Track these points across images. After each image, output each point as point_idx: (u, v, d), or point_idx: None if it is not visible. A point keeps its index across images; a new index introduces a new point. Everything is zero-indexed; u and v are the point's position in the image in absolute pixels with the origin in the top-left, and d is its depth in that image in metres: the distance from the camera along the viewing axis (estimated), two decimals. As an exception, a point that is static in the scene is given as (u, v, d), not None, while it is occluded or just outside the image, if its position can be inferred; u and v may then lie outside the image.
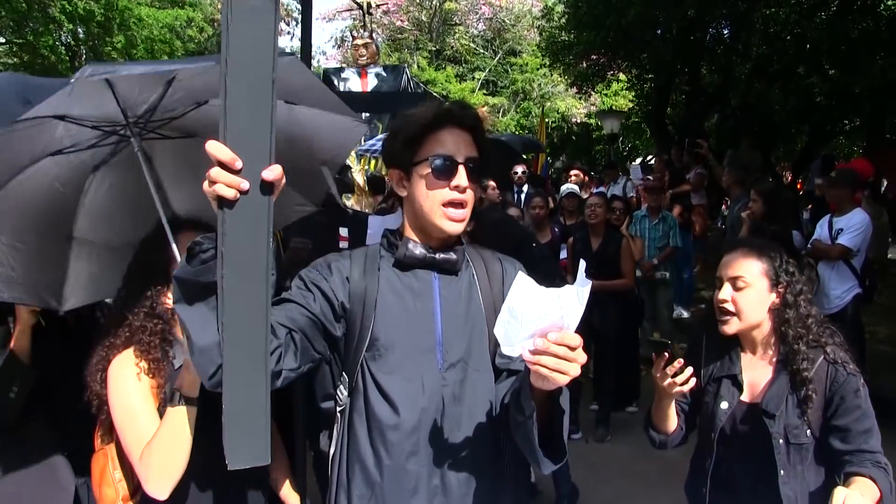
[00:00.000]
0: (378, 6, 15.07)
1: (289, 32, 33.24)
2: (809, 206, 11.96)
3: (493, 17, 31.34)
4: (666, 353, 2.43)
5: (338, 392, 2.12)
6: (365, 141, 9.38)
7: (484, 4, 30.96)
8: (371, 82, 12.10)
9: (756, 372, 2.67)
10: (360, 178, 10.87)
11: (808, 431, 2.50)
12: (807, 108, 11.93)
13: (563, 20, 17.46)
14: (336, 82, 12.18)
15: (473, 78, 31.25)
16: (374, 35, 13.36)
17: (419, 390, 2.03)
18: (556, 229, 8.41)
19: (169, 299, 2.35)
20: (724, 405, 2.65)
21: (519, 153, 12.07)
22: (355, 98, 7.67)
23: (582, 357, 1.62)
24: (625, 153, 29.61)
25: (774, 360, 2.64)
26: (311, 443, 4.67)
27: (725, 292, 2.61)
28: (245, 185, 1.54)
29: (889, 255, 16.01)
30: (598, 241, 7.35)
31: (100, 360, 2.40)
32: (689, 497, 2.88)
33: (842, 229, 6.74)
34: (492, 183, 8.14)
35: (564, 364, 1.60)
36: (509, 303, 1.62)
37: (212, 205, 1.58)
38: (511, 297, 1.62)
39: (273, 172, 1.57)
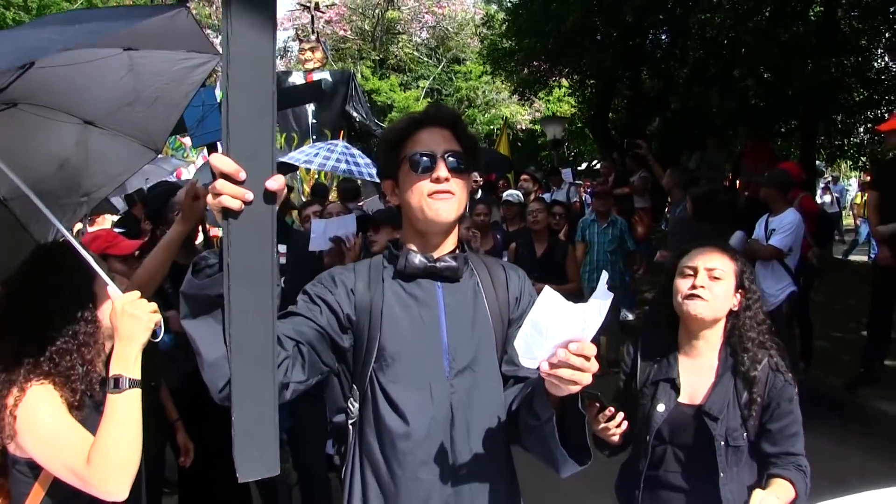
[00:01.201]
0: (329, 6, 14.92)
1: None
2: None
3: (436, 26, 31.42)
4: (597, 404, 2.46)
5: (349, 405, 2.12)
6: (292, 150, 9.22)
7: (427, 13, 31.02)
8: None
9: (695, 375, 2.70)
10: (306, 190, 10.76)
11: (745, 434, 2.58)
12: (743, 110, 12.15)
13: (504, 27, 17.60)
14: (284, 86, 12.06)
15: (418, 86, 31.21)
16: (321, 39, 13.14)
17: (428, 398, 2.04)
18: (499, 236, 8.47)
19: (91, 323, 2.31)
20: (660, 407, 2.67)
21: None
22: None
23: (595, 365, 1.64)
24: (570, 158, 29.83)
25: (716, 363, 2.69)
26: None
27: (702, 279, 2.64)
28: (249, 195, 1.56)
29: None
30: (542, 247, 7.40)
31: None
32: (621, 499, 2.89)
33: (774, 230, 6.90)
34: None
35: (578, 374, 1.62)
36: (534, 317, 1.62)
37: (216, 217, 1.60)
38: (536, 312, 1.62)
39: (277, 182, 1.59)
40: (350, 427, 2.13)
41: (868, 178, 12.28)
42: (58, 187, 3.15)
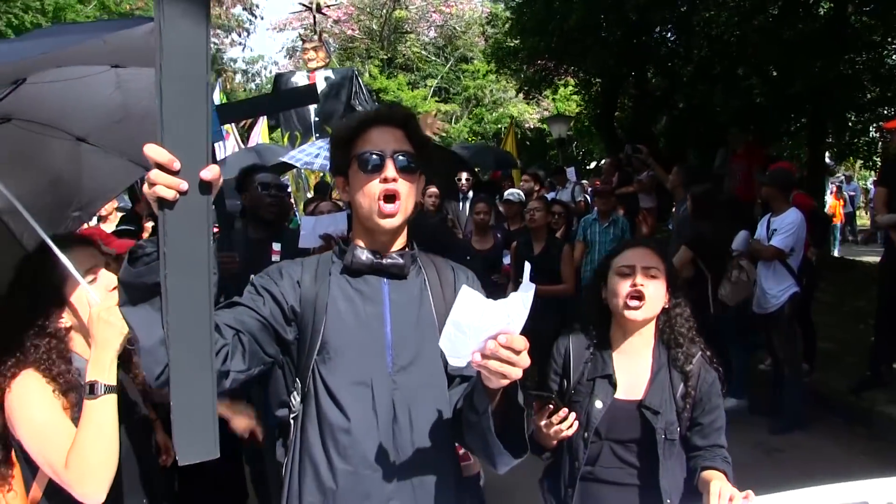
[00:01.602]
0: (328, 6, 14.88)
1: (240, 43, 33.07)
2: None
3: (443, 25, 31.41)
4: (550, 406, 2.46)
5: (291, 399, 2.13)
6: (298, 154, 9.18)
7: (434, 12, 30.99)
8: (320, 85, 11.94)
9: (631, 371, 2.73)
10: (312, 184, 10.69)
11: (679, 428, 2.65)
12: (748, 108, 12.02)
13: (508, 26, 17.50)
14: (285, 87, 12.04)
15: (425, 85, 31.28)
16: (324, 38, 13.13)
17: (369, 394, 2.05)
18: (499, 235, 8.43)
19: (63, 319, 2.37)
20: (598, 404, 2.67)
21: (465, 160, 11.99)
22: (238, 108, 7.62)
23: (526, 360, 1.66)
24: (579, 157, 29.73)
25: (650, 359, 2.74)
26: (247, 458, 4.60)
27: (641, 278, 2.66)
28: (184, 185, 1.59)
29: (836, 254, 16.37)
30: (539, 246, 7.36)
31: None
32: (548, 498, 2.87)
33: (776, 230, 6.81)
34: (433, 190, 8.07)
35: (507, 367, 1.63)
36: (455, 317, 1.62)
37: (152, 206, 1.62)
38: (456, 311, 1.62)
39: (211, 172, 1.61)
40: (292, 421, 2.13)
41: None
42: (50, 202, 3.22)
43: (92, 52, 2.58)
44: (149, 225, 7.45)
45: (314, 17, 14.69)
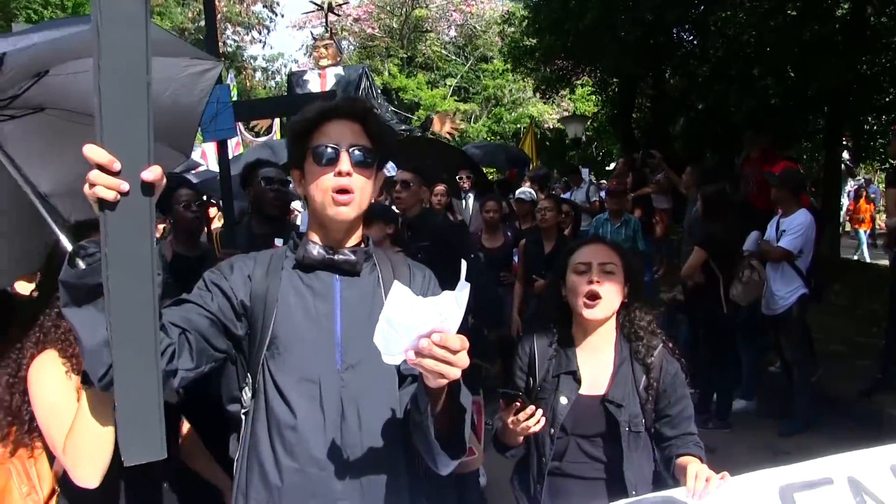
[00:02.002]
0: (340, 5, 14.84)
1: (261, 40, 33.21)
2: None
3: (463, 24, 31.44)
4: (517, 402, 2.49)
5: (242, 394, 2.10)
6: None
7: (454, 11, 31.00)
8: (330, 82, 11.92)
9: (594, 366, 2.75)
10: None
11: (643, 420, 2.68)
12: (763, 110, 11.93)
13: (524, 25, 17.49)
14: (297, 86, 12.05)
15: (445, 84, 31.31)
16: (335, 36, 13.11)
17: (316, 391, 2.01)
18: (509, 233, 8.42)
19: None
20: (563, 400, 2.70)
21: (470, 159, 11.98)
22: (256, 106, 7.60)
23: (464, 359, 1.62)
24: (598, 158, 29.65)
25: (612, 353, 2.77)
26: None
27: (597, 274, 2.70)
28: (125, 186, 1.57)
29: (868, 260, 16.21)
30: (550, 245, 7.33)
31: (9, 364, 2.37)
32: (518, 496, 2.89)
33: (785, 231, 6.77)
34: (440, 188, 8.07)
35: (443, 367, 1.60)
36: (386, 313, 1.60)
37: (93, 207, 1.60)
38: (388, 308, 1.60)
39: (153, 173, 1.59)
40: (243, 417, 2.11)
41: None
42: None
43: None
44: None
45: (326, 16, 14.65)
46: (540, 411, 2.49)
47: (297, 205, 7.58)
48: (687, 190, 9.50)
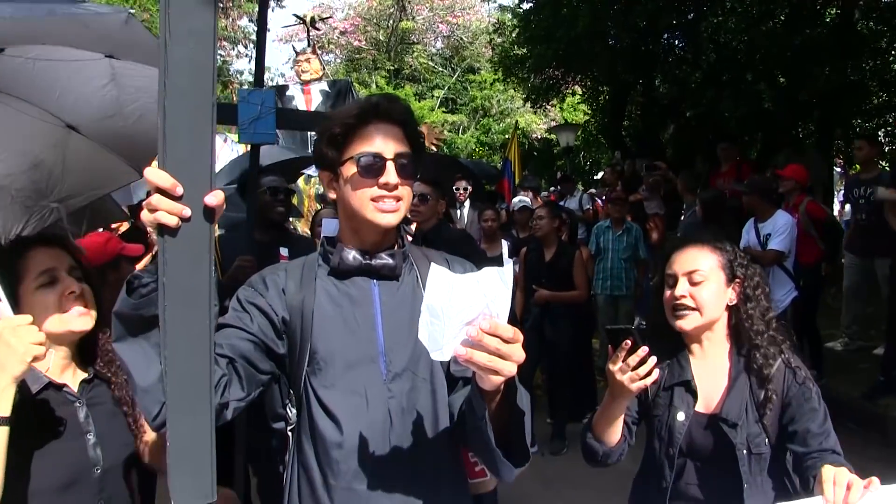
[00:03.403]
0: (323, 20, 14.67)
1: (247, 55, 33.12)
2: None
3: (450, 35, 31.49)
4: (628, 342, 2.15)
5: (287, 411, 2.03)
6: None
7: (441, 23, 31.06)
8: (315, 99, 11.69)
9: (708, 378, 2.49)
10: (307, 202, 10.63)
11: (767, 440, 2.37)
12: (757, 115, 11.99)
13: (515, 34, 17.49)
14: (281, 101, 11.88)
15: (433, 96, 31.34)
16: (318, 50, 12.94)
17: (363, 404, 1.92)
18: (508, 242, 8.40)
19: None
20: (680, 416, 2.44)
21: (467, 168, 11.97)
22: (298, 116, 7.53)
23: (519, 352, 1.51)
24: (586, 167, 29.70)
25: (727, 363, 2.49)
26: (255, 468, 4.55)
27: (682, 287, 2.45)
28: (187, 212, 1.51)
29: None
30: (550, 253, 7.35)
31: None
32: None
33: (769, 234, 6.80)
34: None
35: (497, 361, 1.49)
36: (428, 301, 1.49)
37: (151, 233, 1.54)
38: (428, 294, 1.49)
39: (216, 198, 1.54)
40: (289, 434, 2.03)
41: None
42: (27, 187, 3.06)
43: (75, 34, 2.46)
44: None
45: (308, 31, 14.51)
46: (654, 358, 2.16)
47: None
48: (681, 195, 9.53)
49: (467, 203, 10.30)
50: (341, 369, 1.94)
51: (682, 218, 10.02)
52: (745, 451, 2.35)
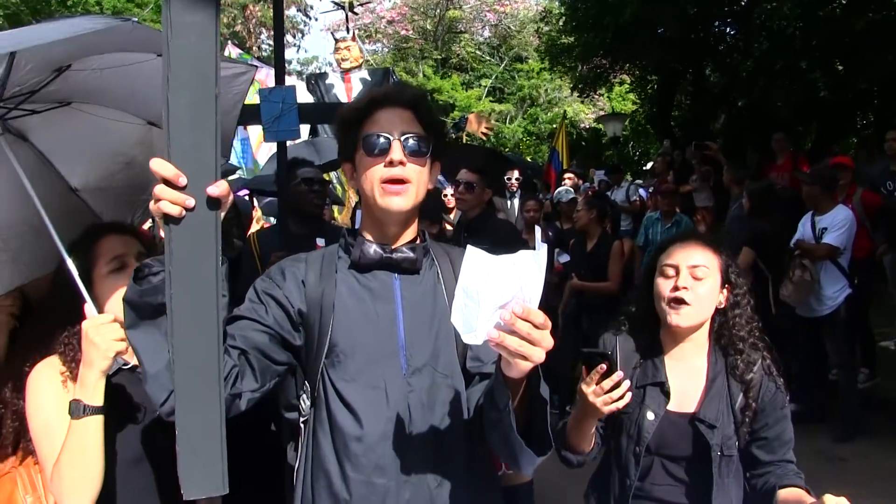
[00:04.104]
0: (361, 4, 14.55)
1: (295, 44, 33.39)
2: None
3: (498, 24, 31.31)
4: (603, 366, 2.17)
5: (300, 402, 2.02)
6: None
7: (488, 11, 30.91)
8: (356, 87, 11.61)
9: (684, 379, 2.47)
10: (349, 192, 10.60)
11: (737, 442, 2.41)
12: (811, 104, 11.63)
13: (562, 22, 17.30)
14: (320, 89, 11.83)
15: (480, 85, 31.27)
16: (358, 38, 12.83)
17: (382, 398, 1.91)
18: (550, 233, 8.37)
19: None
20: (650, 416, 2.43)
21: (512, 161, 11.90)
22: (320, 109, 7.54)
23: (548, 339, 1.50)
24: (635, 157, 29.36)
25: (705, 364, 2.49)
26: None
27: (685, 279, 2.40)
28: (190, 202, 1.55)
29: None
30: (591, 243, 7.34)
31: (16, 368, 2.31)
32: None
33: (825, 228, 6.56)
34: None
35: (527, 347, 1.48)
36: (463, 283, 1.47)
37: (158, 223, 1.58)
38: (464, 276, 1.47)
39: (219, 188, 1.57)
40: (302, 425, 2.02)
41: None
42: (125, 185, 3.20)
43: (122, 41, 2.56)
44: None
45: (346, 17, 14.41)
46: (627, 382, 2.19)
47: None
48: (727, 188, 9.32)
49: (518, 193, 10.26)
50: (361, 363, 1.93)
51: (729, 211, 9.77)
52: (718, 453, 2.36)
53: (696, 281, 2.40)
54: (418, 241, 2.06)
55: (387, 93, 2.01)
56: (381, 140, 1.93)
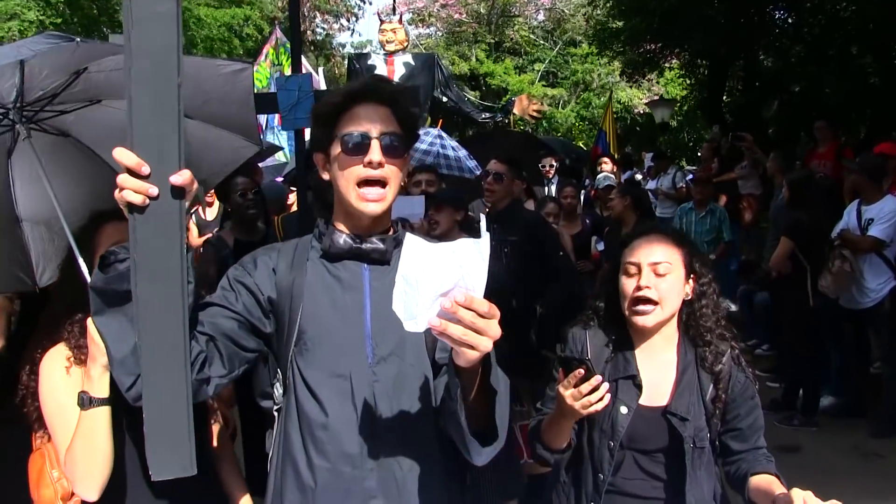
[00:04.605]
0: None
1: (349, 28, 33.52)
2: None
3: (552, 7, 30.96)
4: (581, 371, 2.17)
5: (274, 390, 2.06)
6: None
7: (542, -6, 30.62)
8: (398, 70, 11.60)
9: (654, 371, 2.47)
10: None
11: (709, 434, 2.42)
12: (863, 91, 11.28)
13: (609, 6, 17.07)
14: (361, 69, 11.84)
15: (533, 69, 30.96)
16: (403, 20, 12.76)
17: (347, 387, 1.92)
18: (588, 220, 8.32)
19: None
20: (623, 409, 2.42)
21: (549, 146, 11.78)
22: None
23: (495, 329, 1.50)
24: (690, 143, 28.88)
25: (675, 357, 2.48)
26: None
27: (647, 278, 2.38)
28: (154, 190, 1.57)
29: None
30: (627, 231, 7.16)
31: (31, 352, 2.38)
32: None
33: (871, 219, 6.39)
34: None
35: (472, 336, 1.47)
36: (402, 270, 1.48)
37: (123, 211, 1.60)
38: (403, 263, 1.48)
39: (182, 177, 1.59)
40: (276, 413, 2.06)
41: None
42: None
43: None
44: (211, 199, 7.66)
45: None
46: (606, 385, 2.19)
47: None
48: (772, 176, 9.12)
49: (555, 180, 10.19)
50: (328, 351, 1.95)
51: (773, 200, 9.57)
52: (691, 445, 2.36)
53: (658, 278, 2.38)
54: (390, 232, 2.06)
55: (366, 87, 2.00)
56: (360, 139, 1.92)
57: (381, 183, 1.95)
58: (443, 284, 1.45)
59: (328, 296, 1.98)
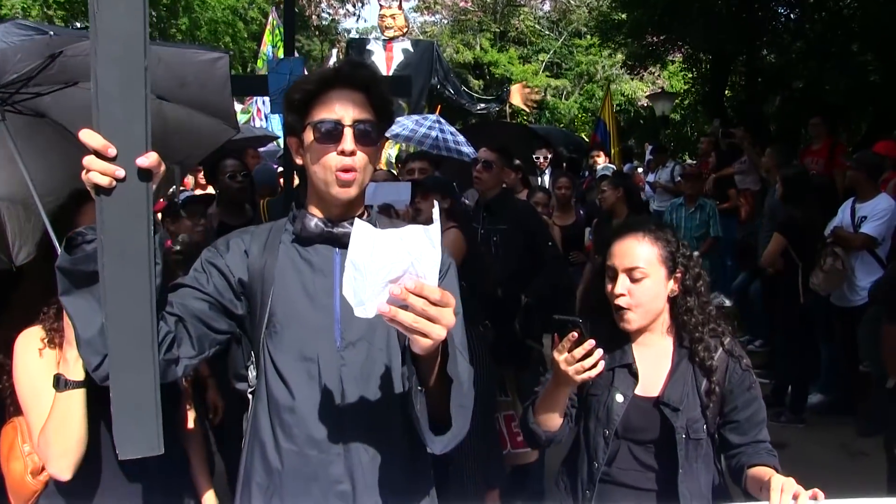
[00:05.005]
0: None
1: (354, 13, 33.38)
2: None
3: (558, -1, 30.84)
4: (574, 333, 2.14)
5: (248, 372, 2.07)
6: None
7: (549, -15, 30.48)
8: (397, 57, 11.53)
9: (651, 362, 2.46)
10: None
11: (705, 426, 2.39)
12: (863, 89, 11.21)
13: (611, -2, 16.99)
14: (360, 55, 11.74)
15: (537, 60, 30.89)
16: (403, 5, 12.68)
17: (315, 370, 1.94)
18: (582, 211, 8.33)
19: None
20: (619, 398, 2.41)
21: (542, 137, 11.73)
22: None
23: (449, 317, 1.51)
24: (693, 137, 28.78)
25: (670, 349, 2.47)
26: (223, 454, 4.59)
27: (621, 285, 2.37)
28: (120, 172, 1.58)
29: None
30: (618, 222, 7.16)
31: (4, 332, 2.39)
32: (565, 498, 2.60)
33: (865, 217, 6.40)
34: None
35: (423, 323, 1.48)
36: (351, 255, 1.48)
37: (91, 193, 1.62)
38: (352, 249, 1.48)
39: (148, 159, 1.60)
40: (250, 396, 2.07)
41: None
42: None
43: None
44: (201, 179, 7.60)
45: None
46: (600, 350, 2.16)
47: None
48: (767, 172, 9.10)
49: (548, 171, 10.17)
50: (296, 334, 1.96)
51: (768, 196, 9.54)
52: (683, 436, 2.35)
53: (634, 283, 2.37)
54: (363, 217, 2.05)
55: (339, 73, 1.99)
56: (333, 127, 1.92)
57: (352, 169, 1.94)
58: (391, 271, 1.45)
59: (299, 279, 1.99)
